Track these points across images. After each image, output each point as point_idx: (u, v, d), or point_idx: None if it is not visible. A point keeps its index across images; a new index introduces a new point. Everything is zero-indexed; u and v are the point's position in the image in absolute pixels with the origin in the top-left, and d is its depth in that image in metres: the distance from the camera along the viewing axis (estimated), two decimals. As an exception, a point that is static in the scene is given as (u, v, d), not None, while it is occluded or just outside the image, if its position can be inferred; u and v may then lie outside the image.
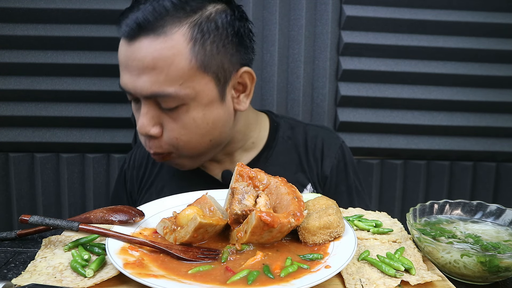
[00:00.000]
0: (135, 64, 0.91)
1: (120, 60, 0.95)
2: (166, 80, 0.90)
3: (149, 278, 0.60)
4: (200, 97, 0.94)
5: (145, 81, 0.90)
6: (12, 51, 1.53)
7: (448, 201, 0.87)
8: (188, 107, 0.94)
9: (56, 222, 0.74)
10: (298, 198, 0.75)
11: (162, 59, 0.89)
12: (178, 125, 0.95)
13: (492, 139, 1.68)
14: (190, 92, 0.93)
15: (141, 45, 0.90)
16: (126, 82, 0.93)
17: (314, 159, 1.17)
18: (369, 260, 0.71)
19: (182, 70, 0.91)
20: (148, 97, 0.92)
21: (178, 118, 0.95)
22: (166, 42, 0.89)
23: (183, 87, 0.91)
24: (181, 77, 0.91)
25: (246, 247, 0.71)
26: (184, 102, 0.93)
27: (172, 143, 0.97)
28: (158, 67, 0.89)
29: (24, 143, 1.58)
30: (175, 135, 0.96)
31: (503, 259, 0.66)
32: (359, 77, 1.62)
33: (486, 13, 1.60)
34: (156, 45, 0.89)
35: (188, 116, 0.95)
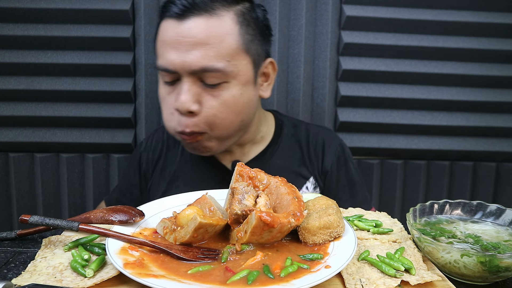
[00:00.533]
0: (186, 40, 0.98)
1: (166, 39, 1.02)
2: (216, 55, 0.99)
3: (149, 278, 0.60)
4: (240, 76, 1.04)
5: (196, 56, 0.98)
6: (12, 51, 1.53)
7: (448, 201, 0.87)
8: (229, 84, 1.02)
9: (56, 222, 0.74)
10: (298, 198, 0.75)
11: (214, 36, 0.99)
12: (218, 102, 1.02)
13: (492, 139, 1.68)
14: (234, 70, 1.02)
15: (194, 23, 0.98)
16: (173, 58, 0.99)
17: (315, 154, 1.25)
18: (369, 260, 0.71)
19: (231, 48, 1.01)
20: (196, 72, 0.99)
21: (218, 95, 1.02)
22: (218, 22, 1.00)
23: (229, 64, 1.01)
24: (229, 54, 1.01)
25: (246, 247, 0.71)
26: (227, 79, 1.02)
27: (210, 120, 1.02)
28: (210, 42, 0.98)
29: (24, 143, 1.58)
30: (214, 111, 1.02)
31: (503, 259, 0.66)
32: (359, 77, 1.62)
33: (486, 13, 1.60)
34: (209, 23, 0.99)
35: (228, 93, 1.02)
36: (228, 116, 1.04)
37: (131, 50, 1.56)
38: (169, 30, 1.01)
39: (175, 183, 1.21)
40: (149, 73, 1.58)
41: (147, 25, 1.55)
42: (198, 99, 1.02)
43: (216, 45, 0.99)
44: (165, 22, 1.04)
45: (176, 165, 1.24)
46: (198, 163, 1.21)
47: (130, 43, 1.54)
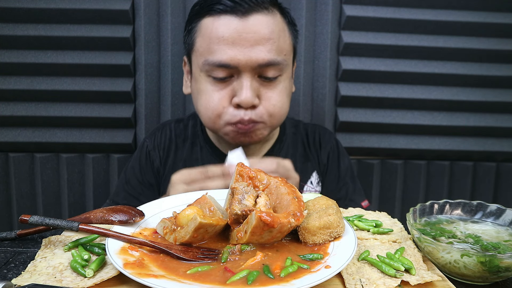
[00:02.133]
0: (250, 36, 1.02)
1: (225, 36, 1.04)
2: (278, 49, 1.06)
3: (149, 278, 0.60)
4: (289, 70, 1.14)
5: (261, 51, 1.03)
6: (12, 51, 1.53)
7: (448, 201, 0.87)
8: (282, 77, 1.11)
9: (56, 222, 0.74)
10: (298, 198, 0.75)
11: (275, 32, 1.06)
12: (275, 93, 1.09)
13: (492, 139, 1.68)
14: (288, 64, 1.11)
15: (256, 20, 1.04)
16: (236, 54, 1.03)
17: (314, 150, 1.33)
18: (369, 260, 0.71)
19: (286, 43, 1.10)
20: (262, 66, 1.04)
21: (275, 87, 1.09)
22: (275, 19, 1.07)
23: (286, 58, 1.09)
24: (285, 49, 1.09)
25: (246, 247, 0.71)
26: (281, 72, 1.09)
27: (270, 111, 1.09)
28: (272, 38, 1.05)
29: (24, 143, 1.58)
30: (273, 102, 1.09)
31: (503, 259, 0.66)
32: (359, 77, 1.62)
33: (486, 13, 1.60)
34: (269, 20, 1.05)
35: (282, 85, 1.11)
36: (284, 105, 1.13)
37: (131, 50, 1.56)
38: (228, 26, 1.03)
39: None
40: (149, 73, 1.58)
41: (147, 25, 1.55)
42: (257, 93, 1.07)
43: (276, 40, 1.06)
44: (217, 20, 1.05)
45: (186, 162, 1.26)
46: (209, 161, 1.24)
47: (130, 43, 1.54)
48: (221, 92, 1.07)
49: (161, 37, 1.58)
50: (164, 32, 1.57)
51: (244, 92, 1.04)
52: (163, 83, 1.60)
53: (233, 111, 1.07)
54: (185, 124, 1.34)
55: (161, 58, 1.59)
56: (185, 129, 1.32)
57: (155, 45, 1.58)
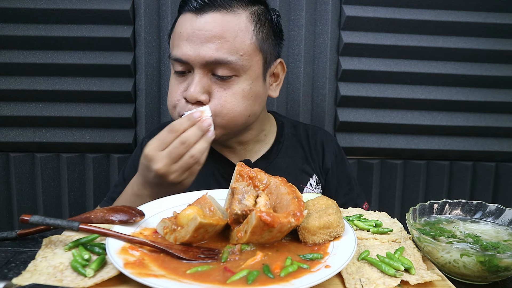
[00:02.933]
0: (202, 33, 1.04)
1: (182, 32, 1.07)
2: (230, 49, 1.05)
3: (150, 278, 0.60)
4: (251, 71, 1.10)
5: (211, 48, 1.04)
6: (12, 51, 1.53)
7: (448, 201, 0.87)
8: (239, 78, 1.08)
9: (57, 222, 0.74)
10: (298, 198, 0.75)
11: (230, 31, 1.05)
12: (227, 93, 1.08)
13: (492, 139, 1.68)
14: (246, 65, 1.08)
15: (210, 17, 1.05)
16: (187, 50, 1.05)
17: (316, 153, 1.31)
18: (369, 260, 0.71)
19: (244, 44, 1.07)
20: (209, 63, 1.05)
21: (228, 87, 1.08)
22: (234, 18, 1.07)
23: (242, 58, 1.07)
24: (242, 49, 1.07)
25: (246, 247, 0.71)
26: (237, 73, 1.08)
27: (216, 109, 1.07)
28: (225, 36, 1.05)
29: (25, 143, 1.58)
30: (222, 102, 1.07)
31: (502, 258, 0.66)
32: (359, 77, 1.62)
33: (486, 13, 1.60)
34: (225, 18, 1.06)
35: (238, 86, 1.08)
36: (236, 107, 1.09)
37: (131, 50, 1.56)
38: (186, 23, 1.07)
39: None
40: (149, 73, 1.58)
41: (147, 25, 1.55)
42: (207, 90, 1.07)
43: (230, 40, 1.05)
44: (183, 16, 1.10)
45: None
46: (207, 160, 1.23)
47: (131, 43, 1.54)
48: (179, 85, 1.11)
49: (161, 37, 1.58)
50: (165, 32, 1.57)
51: (192, 87, 1.06)
52: (163, 83, 1.60)
53: (184, 103, 1.09)
54: None
55: (161, 58, 1.60)
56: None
57: (156, 45, 1.58)
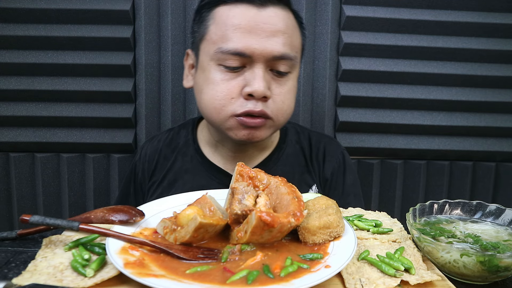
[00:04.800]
0: (267, 27, 1.01)
1: (241, 24, 1.01)
2: (292, 45, 1.05)
3: (150, 277, 0.60)
4: (297, 69, 1.12)
5: (277, 42, 1.02)
6: (12, 51, 1.53)
7: (448, 201, 0.87)
8: (292, 75, 1.09)
9: (57, 222, 0.74)
10: (298, 198, 0.75)
11: (290, 27, 1.05)
12: (284, 90, 1.07)
13: (492, 139, 1.69)
14: (297, 62, 1.10)
15: (273, 12, 1.03)
16: (252, 43, 1.00)
17: (317, 162, 1.25)
18: (369, 260, 0.71)
19: (298, 41, 1.09)
20: (276, 58, 1.02)
21: (284, 83, 1.07)
22: (289, 15, 1.07)
23: (296, 55, 1.08)
24: (296, 47, 1.08)
25: (246, 247, 0.71)
26: (292, 70, 1.08)
27: (279, 106, 1.06)
28: (287, 32, 1.04)
29: (25, 143, 1.58)
30: (282, 98, 1.07)
31: (502, 258, 0.66)
32: (359, 77, 1.62)
33: (486, 13, 1.60)
34: (285, 14, 1.05)
35: (291, 83, 1.09)
36: (291, 104, 1.10)
37: (131, 50, 1.56)
38: (245, 15, 1.01)
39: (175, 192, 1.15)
40: (149, 73, 1.58)
41: (147, 25, 1.55)
42: (268, 86, 1.04)
43: (291, 35, 1.05)
44: (234, 8, 1.03)
45: (175, 174, 1.20)
46: (200, 171, 1.18)
47: (131, 43, 1.54)
48: (231, 82, 1.03)
49: (161, 37, 1.58)
50: (165, 32, 1.57)
51: (258, 82, 1.00)
52: (163, 83, 1.60)
53: (242, 101, 1.02)
54: (175, 132, 1.27)
55: (161, 58, 1.60)
56: (176, 138, 1.26)
57: (156, 45, 1.58)
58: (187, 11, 1.58)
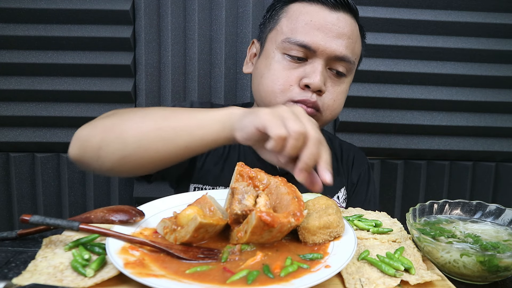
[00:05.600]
0: (336, 28, 1.08)
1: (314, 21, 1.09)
2: (353, 50, 1.12)
3: (150, 277, 0.60)
4: (352, 75, 1.19)
5: (342, 44, 1.08)
6: (12, 51, 1.53)
7: (448, 201, 0.87)
8: (347, 79, 1.15)
9: (57, 222, 0.74)
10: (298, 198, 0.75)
11: (354, 34, 1.12)
12: (338, 90, 1.13)
13: (492, 139, 1.69)
14: (354, 68, 1.16)
15: (342, 17, 1.10)
16: (319, 39, 1.07)
17: (346, 166, 1.34)
18: (369, 260, 0.71)
19: (359, 49, 1.17)
20: (337, 58, 1.09)
21: (339, 84, 1.13)
22: (355, 24, 1.14)
23: (355, 61, 1.15)
24: (356, 54, 1.15)
25: (246, 247, 0.71)
26: (348, 74, 1.14)
27: (330, 103, 1.11)
28: (352, 37, 1.11)
29: (25, 143, 1.58)
30: (334, 97, 1.12)
31: (502, 258, 0.66)
32: (359, 77, 1.62)
33: (486, 13, 1.60)
34: (353, 22, 1.12)
35: (345, 85, 1.15)
36: (340, 104, 1.16)
37: (131, 50, 1.56)
38: (318, 14, 1.09)
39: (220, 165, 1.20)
40: (149, 73, 1.58)
41: (147, 25, 1.55)
42: (325, 82, 1.10)
43: (354, 42, 1.12)
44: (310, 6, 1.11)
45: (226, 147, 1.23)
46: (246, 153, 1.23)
47: (131, 43, 1.54)
48: (292, 71, 1.09)
49: (161, 38, 1.58)
50: (165, 33, 1.57)
51: (316, 75, 1.06)
52: (163, 83, 1.60)
53: (299, 90, 1.08)
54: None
55: (161, 58, 1.60)
56: None
57: (156, 45, 1.58)
58: (187, 11, 1.58)
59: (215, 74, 1.61)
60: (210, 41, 1.60)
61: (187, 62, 1.60)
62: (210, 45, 1.60)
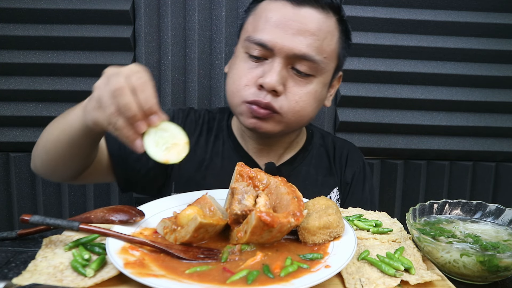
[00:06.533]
0: (296, 25, 1.03)
1: (273, 18, 1.05)
2: (318, 48, 1.05)
3: (150, 277, 0.60)
4: (325, 76, 1.11)
5: (301, 42, 1.03)
6: (12, 51, 1.53)
7: (448, 201, 0.87)
8: (315, 79, 1.08)
9: (57, 222, 0.75)
10: (297, 198, 0.75)
11: (322, 31, 1.05)
12: (302, 91, 1.07)
13: (492, 139, 1.69)
14: (325, 68, 1.09)
15: (307, 12, 1.04)
16: (277, 37, 1.03)
17: (339, 165, 1.29)
18: (369, 260, 0.71)
19: (330, 47, 1.08)
20: (297, 56, 1.03)
21: (304, 85, 1.07)
22: (327, 19, 1.07)
23: (324, 61, 1.07)
24: (327, 52, 1.07)
25: (246, 247, 0.71)
26: (316, 73, 1.07)
27: (291, 104, 1.06)
28: (317, 34, 1.04)
29: (25, 143, 1.58)
30: (296, 98, 1.06)
31: (502, 258, 0.66)
32: (359, 77, 1.62)
33: (486, 13, 1.60)
34: (321, 18, 1.05)
35: (312, 86, 1.08)
36: (306, 107, 1.09)
37: (131, 51, 1.56)
38: (279, 10, 1.05)
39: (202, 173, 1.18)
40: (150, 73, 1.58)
41: (147, 25, 1.55)
42: (283, 82, 1.05)
43: (320, 39, 1.05)
44: (274, 3, 1.07)
45: (207, 154, 1.21)
46: (230, 156, 1.20)
47: (131, 43, 1.54)
48: (251, 70, 1.07)
49: (161, 38, 1.58)
50: (165, 33, 1.57)
51: (271, 75, 1.02)
52: (163, 83, 1.60)
53: (254, 90, 1.05)
54: (213, 114, 1.30)
55: (161, 58, 1.60)
56: (212, 120, 1.28)
57: (156, 45, 1.58)
58: (187, 11, 1.58)
59: (215, 74, 1.62)
60: (210, 41, 1.60)
61: (187, 62, 1.60)
62: (210, 45, 1.60)
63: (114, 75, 0.81)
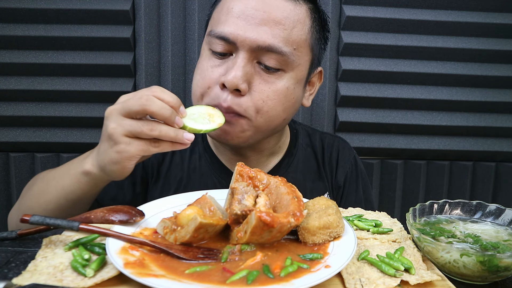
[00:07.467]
0: (259, 14, 0.92)
1: (234, 8, 0.94)
2: (286, 39, 0.93)
3: (150, 277, 0.60)
4: (298, 71, 0.98)
5: (266, 32, 0.91)
6: (12, 51, 1.53)
7: (448, 201, 0.87)
8: (285, 74, 0.96)
9: (57, 222, 0.74)
10: (298, 198, 0.75)
11: (289, 19, 0.94)
12: (270, 89, 0.95)
13: (492, 139, 1.69)
14: (296, 61, 0.96)
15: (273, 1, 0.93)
16: (238, 29, 0.92)
17: (329, 167, 1.19)
18: (369, 260, 0.71)
19: (300, 38, 0.96)
20: (261, 48, 0.92)
21: (272, 82, 0.95)
22: (295, 7, 0.95)
23: (294, 53, 0.95)
24: (297, 43, 0.95)
25: (246, 247, 0.71)
26: (285, 68, 0.96)
27: (258, 104, 0.94)
28: (283, 23, 0.93)
29: (25, 143, 1.58)
30: (263, 97, 0.94)
31: (502, 258, 0.66)
32: (359, 77, 1.62)
33: (486, 13, 1.60)
34: (288, 6, 0.94)
35: (282, 83, 0.96)
36: (276, 106, 0.96)
37: (131, 50, 1.56)
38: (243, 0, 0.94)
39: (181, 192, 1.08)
40: (149, 73, 1.58)
41: (147, 25, 1.55)
42: (248, 80, 0.93)
43: (288, 29, 0.93)
44: None
45: (184, 172, 1.13)
46: (208, 172, 1.12)
47: (131, 43, 1.54)
48: (215, 69, 0.95)
49: (161, 37, 1.58)
50: (165, 32, 1.57)
51: (233, 71, 0.90)
52: (163, 83, 1.60)
53: (217, 91, 0.93)
54: None
55: (161, 58, 1.60)
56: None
57: (156, 45, 1.58)
58: (187, 11, 1.58)
59: (215, 74, 1.62)
60: (210, 41, 1.60)
61: (187, 62, 1.60)
62: (210, 45, 1.60)
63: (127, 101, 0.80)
